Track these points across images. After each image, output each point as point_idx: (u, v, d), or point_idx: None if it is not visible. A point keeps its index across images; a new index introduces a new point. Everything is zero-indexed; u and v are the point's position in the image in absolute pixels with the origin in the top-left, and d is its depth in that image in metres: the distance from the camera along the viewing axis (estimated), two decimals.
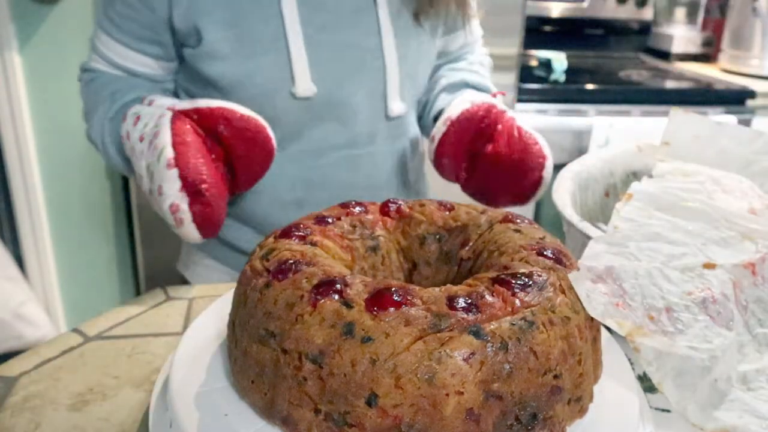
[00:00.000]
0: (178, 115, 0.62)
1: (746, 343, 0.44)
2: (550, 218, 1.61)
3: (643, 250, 0.44)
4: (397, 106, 0.79)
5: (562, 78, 1.69)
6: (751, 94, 1.62)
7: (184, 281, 0.85)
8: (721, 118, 1.49)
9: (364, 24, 0.74)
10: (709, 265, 0.44)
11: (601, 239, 0.45)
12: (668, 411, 0.44)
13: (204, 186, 0.58)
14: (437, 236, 0.45)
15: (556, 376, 0.33)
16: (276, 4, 0.69)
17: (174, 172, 0.57)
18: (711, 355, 0.39)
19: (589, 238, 0.51)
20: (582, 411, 0.36)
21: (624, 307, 0.39)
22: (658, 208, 0.50)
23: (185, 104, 0.64)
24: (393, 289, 0.33)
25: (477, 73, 0.88)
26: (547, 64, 1.77)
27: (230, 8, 0.68)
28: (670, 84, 1.74)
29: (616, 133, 1.50)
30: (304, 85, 0.71)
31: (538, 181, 0.70)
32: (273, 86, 0.71)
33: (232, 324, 0.38)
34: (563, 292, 0.36)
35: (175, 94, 0.76)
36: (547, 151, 0.71)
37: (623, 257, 0.43)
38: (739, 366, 0.42)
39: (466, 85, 0.84)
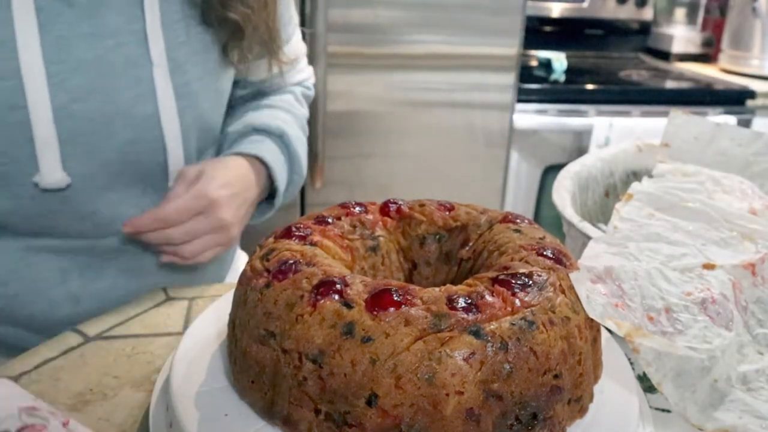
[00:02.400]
0: None
1: (746, 344, 0.44)
2: (550, 218, 1.61)
3: (642, 250, 0.44)
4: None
5: (562, 78, 1.69)
6: (751, 95, 1.62)
7: None
8: (720, 119, 1.49)
9: (140, 85, 0.57)
10: (708, 266, 0.44)
11: (601, 239, 0.45)
12: (668, 411, 0.44)
13: None
14: (437, 236, 0.45)
15: (556, 376, 0.33)
16: (13, 58, 0.50)
17: None
18: (710, 355, 0.39)
19: (589, 238, 0.51)
20: (582, 411, 0.36)
21: (623, 308, 0.39)
22: (658, 208, 0.50)
23: None
24: (393, 289, 0.33)
25: (274, 108, 0.73)
26: (547, 64, 1.77)
27: None
28: (670, 84, 1.74)
29: (616, 133, 1.50)
30: (54, 175, 0.54)
31: None
32: (8, 173, 0.54)
33: (232, 324, 0.38)
34: (563, 292, 0.36)
35: None
36: None
37: (623, 257, 0.43)
38: (739, 366, 0.42)
39: (253, 129, 0.70)
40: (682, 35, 1.98)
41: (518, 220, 0.44)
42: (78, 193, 0.57)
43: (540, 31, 1.95)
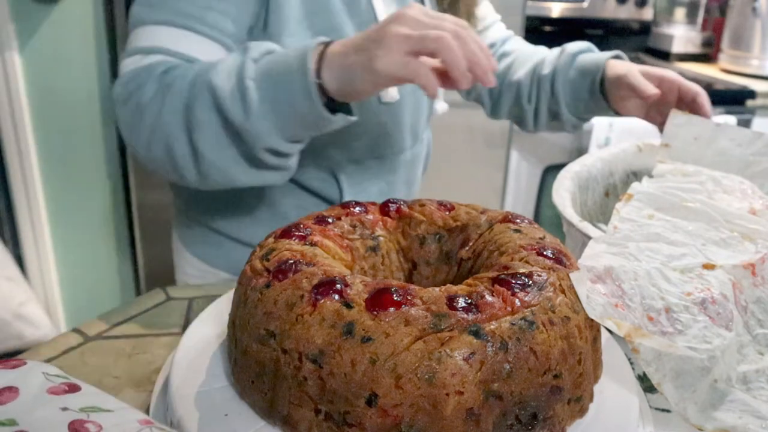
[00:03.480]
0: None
1: (746, 344, 0.44)
2: (550, 218, 1.61)
3: (642, 250, 0.44)
4: (441, 105, 0.85)
5: None
6: (751, 94, 1.62)
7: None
8: (721, 119, 1.49)
9: None
10: (708, 266, 0.44)
11: (601, 239, 0.45)
12: (668, 411, 0.44)
13: None
14: (437, 236, 0.45)
15: (556, 376, 0.33)
16: (371, 11, 0.72)
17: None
18: (710, 355, 0.38)
19: (589, 238, 0.51)
20: (582, 411, 0.36)
21: (623, 308, 0.39)
22: (658, 208, 0.50)
23: None
24: (393, 289, 0.33)
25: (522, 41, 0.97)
26: None
27: (323, 18, 0.68)
28: None
29: (616, 133, 1.50)
30: (393, 91, 0.73)
31: None
32: None
33: (232, 324, 0.38)
34: (563, 292, 0.36)
35: None
36: None
37: (623, 257, 0.43)
38: (739, 366, 0.42)
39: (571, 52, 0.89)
40: (682, 35, 1.97)
41: (518, 220, 0.44)
42: (398, 108, 0.76)
43: (540, 31, 1.95)
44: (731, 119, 1.54)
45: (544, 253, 0.38)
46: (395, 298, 0.32)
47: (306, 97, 0.55)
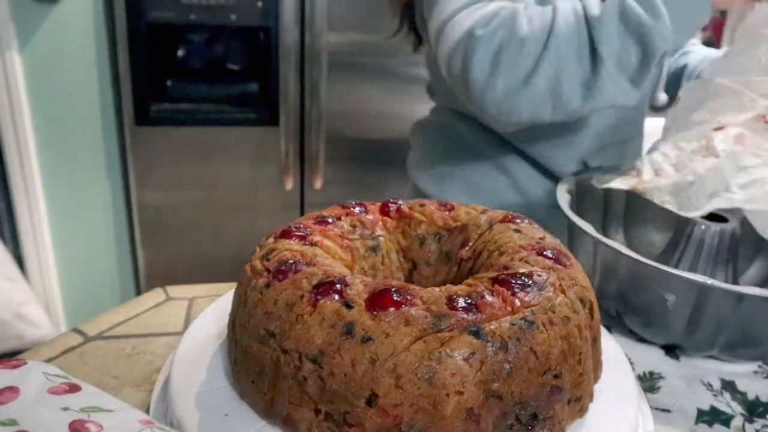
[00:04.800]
0: None
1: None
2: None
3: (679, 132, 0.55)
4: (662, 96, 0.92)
5: None
6: None
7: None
8: None
9: None
10: (718, 128, 0.51)
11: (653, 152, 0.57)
12: (668, 411, 0.44)
13: None
14: (437, 236, 0.45)
15: (556, 376, 0.33)
16: None
17: None
18: (697, 174, 0.50)
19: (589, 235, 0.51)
20: (582, 411, 0.36)
21: (635, 175, 0.53)
22: (700, 100, 0.57)
23: None
24: (393, 289, 0.33)
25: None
26: None
27: None
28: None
29: None
30: (661, 96, 0.83)
31: None
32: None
33: (232, 324, 0.38)
34: (563, 291, 0.36)
35: None
36: None
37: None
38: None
39: None
40: None
41: (518, 220, 0.44)
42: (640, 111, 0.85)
43: None
44: None
45: (544, 253, 0.38)
46: (395, 298, 0.32)
47: None
